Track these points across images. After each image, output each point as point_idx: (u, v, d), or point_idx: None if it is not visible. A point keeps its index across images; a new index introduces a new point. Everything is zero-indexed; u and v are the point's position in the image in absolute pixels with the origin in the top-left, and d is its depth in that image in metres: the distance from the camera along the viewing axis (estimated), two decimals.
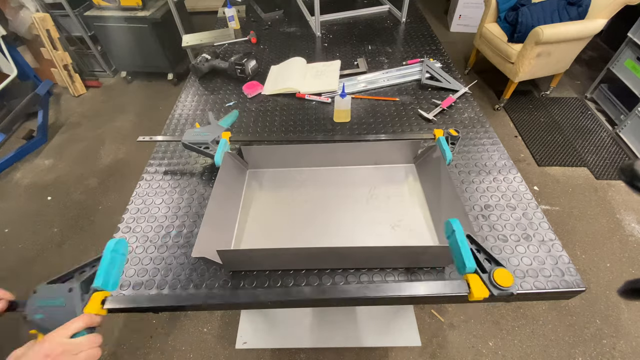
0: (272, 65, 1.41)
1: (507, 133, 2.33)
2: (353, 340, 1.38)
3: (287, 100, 1.23)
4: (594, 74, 2.54)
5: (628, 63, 2.14)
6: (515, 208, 0.83)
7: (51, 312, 0.50)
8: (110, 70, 3.02)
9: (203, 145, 0.88)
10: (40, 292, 0.52)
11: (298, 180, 0.92)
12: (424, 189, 0.88)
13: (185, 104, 1.22)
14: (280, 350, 1.38)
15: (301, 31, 1.68)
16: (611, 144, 2.17)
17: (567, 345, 1.37)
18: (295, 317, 1.45)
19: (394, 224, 0.81)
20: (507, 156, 0.96)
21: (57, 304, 0.51)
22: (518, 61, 2.14)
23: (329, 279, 0.71)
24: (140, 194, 0.91)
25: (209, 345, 1.41)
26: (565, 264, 0.72)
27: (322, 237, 0.79)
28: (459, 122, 1.09)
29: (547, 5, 2.13)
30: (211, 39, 1.62)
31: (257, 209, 0.86)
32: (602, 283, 1.54)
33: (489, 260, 0.52)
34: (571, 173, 2.03)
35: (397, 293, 0.69)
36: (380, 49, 1.49)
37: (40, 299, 0.51)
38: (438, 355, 1.35)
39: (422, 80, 1.24)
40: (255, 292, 0.70)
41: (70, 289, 0.52)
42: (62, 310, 0.50)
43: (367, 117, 1.14)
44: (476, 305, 1.49)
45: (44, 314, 0.50)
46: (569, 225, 1.77)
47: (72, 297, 0.51)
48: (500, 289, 0.49)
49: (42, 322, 0.50)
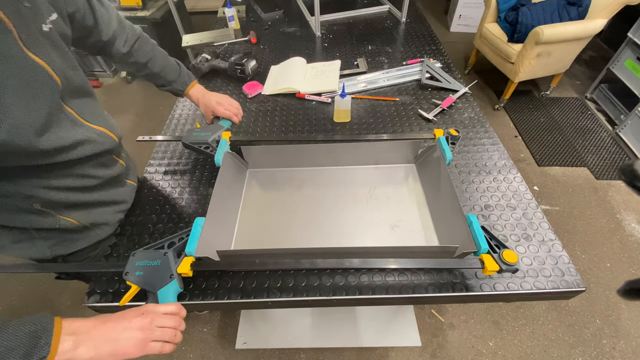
0: (272, 65, 1.41)
1: (507, 133, 2.33)
2: (353, 340, 1.38)
3: (287, 100, 1.23)
4: (594, 74, 2.54)
5: (628, 63, 2.14)
6: (516, 208, 0.83)
7: (149, 270, 0.63)
8: (110, 70, 3.02)
9: (203, 145, 0.88)
10: (138, 255, 0.65)
11: (298, 180, 0.92)
12: (424, 189, 0.88)
13: (185, 104, 1.22)
14: (280, 350, 1.38)
15: (301, 31, 1.68)
16: (611, 144, 2.17)
17: (567, 345, 1.37)
18: (295, 317, 1.45)
19: (394, 224, 0.81)
20: (507, 156, 0.96)
21: (154, 264, 0.64)
22: (518, 61, 2.14)
23: (329, 279, 0.71)
24: None
25: (209, 345, 1.41)
26: (566, 264, 0.72)
27: (322, 237, 0.79)
28: (459, 122, 1.09)
29: (547, 5, 2.13)
30: (211, 39, 1.63)
31: (257, 209, 0.86)
32: (602, 283, 1.54)
33: (498, 245, 0.65)
34: (571, 173, 2.03)
35: (397, 293, 0.69)
36: (380, 49, 1.49)
37: (139, 260, 0.64)
38: (438, 355, 1.35)
39: (422, 80, 1.24)
40: (255, 292, 0.70)
41: (165, 253, 0.65)
42: (158, 269, 0.63)
43: (367, 117, 1.14)
44: (476, 305, 1.49)
45: (143, 271, 0.63)
46: (569, 225, 1.77)
47: (167, 259, 0.64)
48: (507, 264, 0.62)
49: (140, 278, 0.62)
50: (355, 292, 0.69)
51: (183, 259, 0.65)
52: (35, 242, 0.68)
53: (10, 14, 0.48)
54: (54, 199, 0.64)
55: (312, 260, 0.69)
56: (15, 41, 0.49)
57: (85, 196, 0.70)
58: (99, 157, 0.69)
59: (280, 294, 0.69)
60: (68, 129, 0.60)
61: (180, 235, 0.68)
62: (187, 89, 0.94)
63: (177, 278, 0.63)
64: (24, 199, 0.60)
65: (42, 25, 0.54)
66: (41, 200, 0.62)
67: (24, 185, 0.59)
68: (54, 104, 0.56)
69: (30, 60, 0.51)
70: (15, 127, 0.48)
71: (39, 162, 0.56)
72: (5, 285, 1.64)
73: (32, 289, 1.62)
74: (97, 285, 0.71)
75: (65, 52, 0.60)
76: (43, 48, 0.54)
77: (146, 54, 0.85)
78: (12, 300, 1.59)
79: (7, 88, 0.47)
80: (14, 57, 0.48)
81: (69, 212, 0.68)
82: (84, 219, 0.71)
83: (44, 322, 0.45)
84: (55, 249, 0.70)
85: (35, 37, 0.52)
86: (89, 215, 0.72)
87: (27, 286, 1.63)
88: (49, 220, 0.65)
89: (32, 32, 0.52)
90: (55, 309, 1.56)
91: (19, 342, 0.41)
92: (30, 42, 0.51)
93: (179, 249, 0.67)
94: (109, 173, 0.74)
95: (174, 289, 0.63)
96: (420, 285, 0.70)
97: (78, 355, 0.45)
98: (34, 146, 0.53)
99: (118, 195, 0.80)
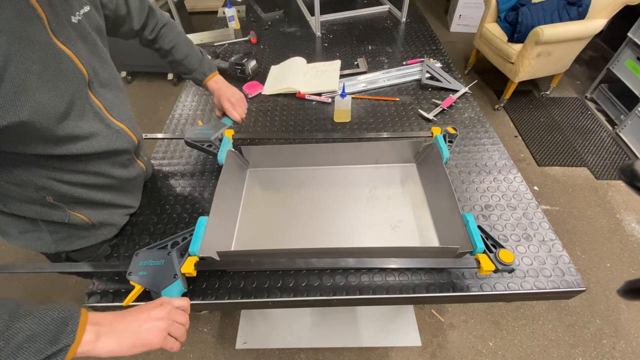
0: (272, 65, 1.41)
1: (507, 133, 2.33)
2: (353, 340, 1.38)
3: (287, 100, 1.23)
4: (594, 74, 2.54)
5: (628, 63, 2.14)
6: (516, 208, 0.83)
7: (152, 270, 0.63)
8: None
9: (206, 143, 0.88)
10: (141, 255, 0.65)
11: (298, 180, 0.92)
12: (425, 189, 0.88)
13: (185, 104, 1.22)
14: (280, 350, 1.38)
15: (301, 31, 1.68)
16: (611, 144, 2.17)
17: (567, 345, 1.37)
18: (295, 317, 1.45)
19: (394, 224, 0.81)
20: (507, 156, 0.96)
21: (157, 264, 0.63)
22: (518, 61, 2.14)
23: (329, 279, 0.71)
24: None
25: (209, 345, 1.41)
26: (566, 264, 0.72)
27: (322, 237, 0.79)
28: (459, 122, 1.09)
29: (547, 5, 2.13)
30: (211, 39, 1.62)
31: (257, 208, 0.86)
32: (602, 283, 1.54)
33: (494, 245, 0.65)
34: (571, 173, 2.03)
35: (397, 293, 0.69)
36: (380, 49, 1.49)
37: (142, 260, 0.64)
38: (438, 355, 1.36)
39: (422, 80, 1.24)
40: (256, 292, 0.70)
41: (169, 252, 0.65)
42: (162, 269, 0.63)
43: (367, 117, 1.14)
44: (476, 305, 1.49)
45: (147, 271, 0.63)
46: (569, 225, 1.77)
47: (171, 259, 0.64)
48: (503, 264, 0.62)
49: (144, 277, 0.62)
50: (355, 292, 0.69)
51: (187, 259, 0.65)
52: (42, 235, 0.68)
53: (43, 3, 0.50)
54: (67, 193, 0.64)
55: (312, 260, 0.69)
56: (45, 29, 0.50)
57: (98, 195, 0.70)
58: (115, 155, 0.69)
59: (281, 294, 0.69)
60: (89, 120, 0.60)
61: (183, 235, 0.69)
62: (205, 79, 0.95)
63: (180, 278, 0.63)
64: (37, 189, 0.60)
65: (72, 17, 0.56)
66: (54, 194, 0.62)
67: (38, 176, 0.59)
68: (79, 94, 0.57)
69: (57, 48, 0.52)
70: (36, 110, 0.49)
71: (51, 151, 0.56)
72: (5, 285, 1.64)
73: (32, 289, 1.62)
74: (97, 285, 0.71)
75: (95, 44, 0.62)
76: (71, 38, 0.55)
77: (171, 41, 0.87)
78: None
79: (32, 72, 0.48)
80: (41, 43, 0.49)
81: (81, 209, 0.68)
82: (94, 217, 0.71)
83: (71, 310, 0.45)
84: (60, 243, 0.70)
85: (64, 26, 0.54)
86: (99, 214, 0.72)
87: (27, 286, 1.63)
88: (59, 214, 0.65)
89: (61, 22, 0.54)
90: None
91: (46, 327, 0.41)
92: (59, 31, 0.53)
93: (182, 249, 0.67)
94: (125, 174, 0.74)
95: (178, 288, 0.63)
96: (420, 285, 0.70)
97: (99, 346, 0.45)
98: (52, 132, 0.53)
99: (131, 200, 0.81)
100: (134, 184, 0.81)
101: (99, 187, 0.69)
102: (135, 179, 0.80)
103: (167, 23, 0.86)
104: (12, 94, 0.46)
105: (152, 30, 0.83)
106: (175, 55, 0.89)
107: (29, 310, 0.42)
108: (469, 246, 0.64)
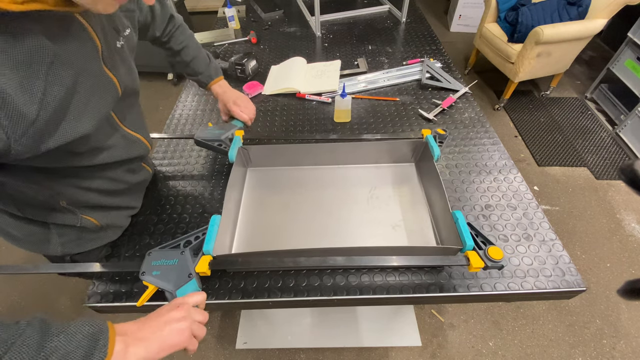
0: (272, 65, 1.41)
1: (507, 133, 2.33)
2: (353, 340, 1.38)
3: (287, 100, 1.23)
4: (594, 74, 2.54)
5: (628, 63, 2.14)
6: (516, 208, 0.83)
7: (166, 269, 0.62)
8: None
9: (216, 142, 0.90)
10: (154, 254, 0.64)
11: (298, 180, 0.92)
12: (425, 189, 0.88)
13: (185, 104, 1.22)
14: (280, 350, 1.38)
15: (301, 31, 1.68)
16: (611, 144, 2.17)
17: (567, 345, 1.37)
18: (295, 317, 1.45)
19: (395, 224, 0.81)
20: (508, 156, 0.96)
21: (171, 263, 0.62)
22: (518, 61, 2.14)
23: (329, 279, 0.71)
24: None
25: (209, 345, 1.41)
26: (566, 264, 0.72)
27: (323, 237, 0.79)
28: (459, 122, 1.09)
29: (547, 5, 2.13)
30: (211, 39, 1.62)
31: (257, 208, 0.86)
32: (602, 283, 1.54)
33: (484, 242, 0.65)
34: (571, 173, 2.03)
35: (397, 293, 0.69)
36: (381, 49, 1.49)
37: (155, 260, 0.63)
38: (438, 355, 1.36)
39: (423, 80, 1.24)
40: (256, 292, 0.70)
41: (182, 252, 0.64)
42: (175, 268, 0.62)
43: (367, 117, 1.14)
44: (476, 305, 1.49)
45: (160, 271, 0.62)
46: (569, 225, 1.77)
47: (185, 258, 0.63)
48: (493, 261, 0.62)
49: (157, 277, 0.61)
50: (356, 292, 0.69)
51: (201, 258, 0.64)
52: (50, 238, 0.68)
53: (98, 32, 0.51)
54: (81, 198, 0.64)
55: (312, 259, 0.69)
56: (99, 58, 0.52)
57: (109, 199, 0.71)
58: (130, 162, 0.71)
59: (281, 294, 0.69)
60: (106, 133, 0.61)
61: (196, 234, 0.68)
62: (210, 83, 0.96)
63: (195, 277, 0.63)
64: (52, 195, 0.61)
65: (117, 42, 0.58)
66: (68, 198, 0.63)
67: (57, 183, 0.60)
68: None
69: (106, 77, 0.55)
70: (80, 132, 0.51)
71: (76, 163, 0.58)
72: (5, 285, 1.64)
73: (32, 289, 1.62)
74: (97, 286, 0.71)
75: (131, 65, 0.64)
76: (115, 64, 0.57)
77: (181, 43, 0.89)
78: (12, 300, 1.59)
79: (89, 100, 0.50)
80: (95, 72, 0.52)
81: (91, 212, 0.69)
82: (103, 219, 0.72)
83: (99, 324, 0.45)
84: (67, 246, 0.70)
85: (112, 53, 0.56)
86: (107, 216, 0.73)
87: (27, 286, 1.63)
88: (70, 217, 0.66)
89: (110, 49, 0.55)
90: (55, 309, 1.55)
91: (78, 344, 0.41)
92: (108, 58, 0.55)
93: (195, 248, 0.66)
94: (135, 179, 0.76)
95: (193, 288, 0.62)
96: (420, 285, 0.70)
97: (129, 356, 0.45)
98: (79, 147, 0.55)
99: (135, 201, 0.82)
100: (139, 187, 0.83)
101: (111, 192, 0.70)
102: (143, 183, 0.82)
103: (179, 26, 0.88)
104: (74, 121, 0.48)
105: (168, 32, 0.86)
106: (184, 57, 0.91)
107: (59, 328, 0.42)
108: (459, 243, 0.64)
